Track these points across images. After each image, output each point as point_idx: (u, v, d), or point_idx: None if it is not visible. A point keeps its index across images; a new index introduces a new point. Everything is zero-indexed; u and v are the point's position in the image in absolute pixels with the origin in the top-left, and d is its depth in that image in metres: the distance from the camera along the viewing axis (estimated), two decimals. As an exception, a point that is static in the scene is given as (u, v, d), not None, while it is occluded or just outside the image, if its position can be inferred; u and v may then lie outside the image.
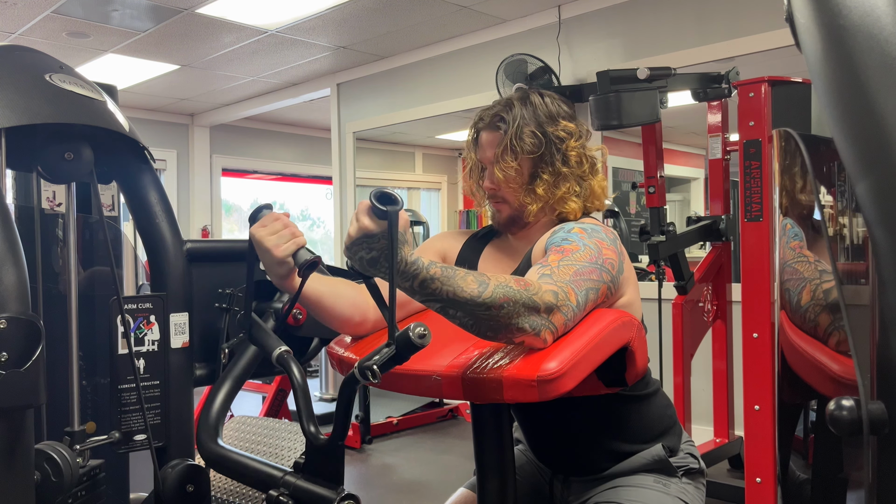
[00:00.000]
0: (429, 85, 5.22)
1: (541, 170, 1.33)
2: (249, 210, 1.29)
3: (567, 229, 1.24)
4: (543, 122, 1.34)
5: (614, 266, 1.19)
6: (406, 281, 1.00)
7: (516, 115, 1.34)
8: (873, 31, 0.51)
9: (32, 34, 4.64)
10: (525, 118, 1.33)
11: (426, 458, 4.00)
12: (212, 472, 1.36)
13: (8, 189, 1.43)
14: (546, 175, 1.33)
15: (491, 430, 1.23)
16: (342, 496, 1.07)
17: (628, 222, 6.41)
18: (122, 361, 1.25)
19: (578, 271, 1.12)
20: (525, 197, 1.34)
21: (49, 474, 1.01)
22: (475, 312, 1.01)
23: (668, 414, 1.40)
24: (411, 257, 0.99)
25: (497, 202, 1.39)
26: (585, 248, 1.17)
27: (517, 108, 1.35)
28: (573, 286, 1.08)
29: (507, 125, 1.33)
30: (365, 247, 0.99)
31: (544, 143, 1.33)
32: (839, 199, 0.80)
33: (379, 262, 0.99)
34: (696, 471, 1.38)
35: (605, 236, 1.22)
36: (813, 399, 0.83)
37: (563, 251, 1.16)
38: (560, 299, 1.05)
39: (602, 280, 1.15)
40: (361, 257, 1.00)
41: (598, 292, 1.13)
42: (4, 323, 0.83)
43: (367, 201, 0.98)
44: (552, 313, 1.04)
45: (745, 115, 2.44)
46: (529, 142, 1.32)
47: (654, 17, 4.00)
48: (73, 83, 1.15)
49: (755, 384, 2.40)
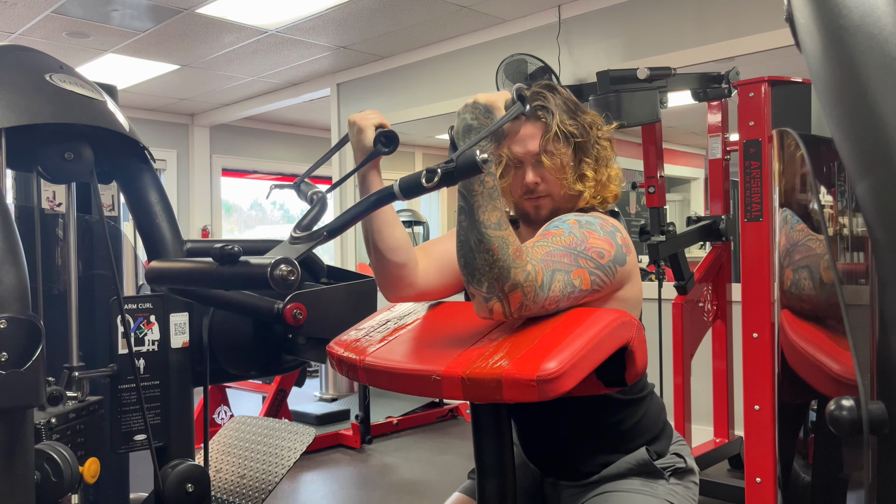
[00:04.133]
0: (428, 85, 5.22)
1: (583, 155, 1.33)
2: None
3: (563, 219, 1.24)
4: (574, 111, 1.34)
5: (603, 255, 1.18)
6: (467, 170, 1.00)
7: (556, 103, 1.32)
8: (873, 31, 0.51)
9: (32, 34, 4.64)
10: (560, 106, 1.32)
11: (426, 458, 4.00)
12: (212, 472, 1.36)
13: (8, 189, 1.43)
14: (589, 159, 1.33)
15: (490, 430, 1.23)
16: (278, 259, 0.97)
17: (628, 222, 6.42)
18: (122, 361, 1.25)
19: (550, 252, 1.13)
20: (576, 184, 1.32)
21: (49, 474, 1.01)
22: (470, 234, 1.07)
23: (661, 419, 1.39)
24: (489, 158, 0.99)
25: (537, 198, 1.34)
26: (570, 233, 1.18)
27: (550, 97, 1.33)
28: (542, 264, 1.10)
29: (550, 113, 1.31)
30: (476, 113, 1.10)
31: (583, 130, 1.33)
32: (839, 199, 0.80)
33: (471, 132, 1.10)
34: (685, 470, 1.36)
35: (598, 228, 1.22)
36: (813, 399, 0.83)
37: (546, 235, 1.18)
38: (529, 279, 1.07)
39: (577, 265, 1.14)
40: (465, 119, 1.11)
41: (570, 276, 1.13)
42: (4, 323, 0.83)
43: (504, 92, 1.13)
44: (513, 291, 1.06)
45: (745, 115, 2.44)
46: (573, 129, 1.32)
47: (654, 17, 4.00)
48: (73, 83, 1.15)
49: (755, 384, 2.40)
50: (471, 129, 1.10)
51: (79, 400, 1.14)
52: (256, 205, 9.08)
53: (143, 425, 1.26)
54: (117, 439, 1.26)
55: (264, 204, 9.18)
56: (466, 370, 1.04)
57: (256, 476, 1.69)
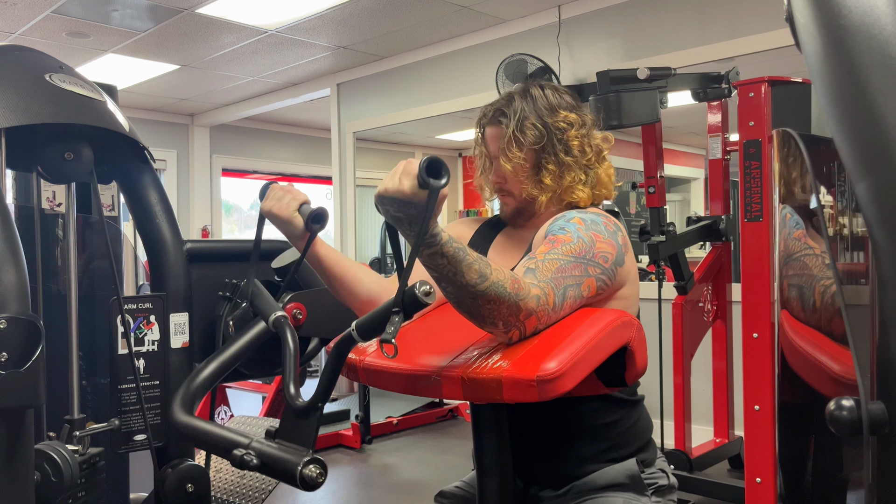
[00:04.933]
0: (429, 85, 5.22)
1: (545, 160, 1.35)
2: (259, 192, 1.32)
3: (567, 218, 1.25)
4: (543, 114, 1.36)
5: (608, 259, 1.20)
6: (420, 248, 1.01)
7: (517, 108, 1.36)
8: (873, 31, 0.51)
9: (32, 34, 4.64)
10: (525, 111, 1.36)
11: (426, 458, 4.00)
12: (212, 472, 1.36)
13: (8, 189, 1.43)
14: (551, 165, 1.35)
15: (490, 430, 1.23)
16: (307, 460, 1.03)
17: (628, 222, 6.42)
18: (122, 361, 1.25)
19: (561, 268, 1.14)
20: (533, 188, 1.36)
21: (49, 474, 1.01)
22: (462, 296, 1.04)
23: (650, 430, 1.39)
24: (434, 230, 1.00)
25: (503, 195, 1.42)
26: (578, 239, 1.19)
27: (517, 101, 1.37)
28: (553, 285, 1.11)
29: (508, 119, 1.36)
30: (395, 206, 1.00)
31: (546, 135, 1.35)
32: (839, 199, 0.80)
33: (402, 223, 1.01)
34: (666, 487, 1.35)
35: (603, 229, 1.24)
36: (813, 399, 0.83)
37: (556, 241, 1.19)
38: (540, 304, 1.08)
39: (587, 274, 1.17)
40: (388, 211, 1.01)
41: (581, 287, 1.16)
42: (4, 323, 0.83)
43: (414, 164, 0.97)
44: (528, 317, 1.07)
45: (745, 115, 2.44)
46: (531, 133, 1.34)
47: (654, 17, 4.00)
48: (73, 83, 1.15)
49: (755, 384, 2.39)
50: (400, 219, 1.01)
51: (79, 454, 1.12)
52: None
53: (143, 425, 1.25)
54: (117, 439, 1.26)
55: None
56: (466, 370, 1.04)
57: (256, 476, 1.69)
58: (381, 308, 1.00)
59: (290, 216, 1.25)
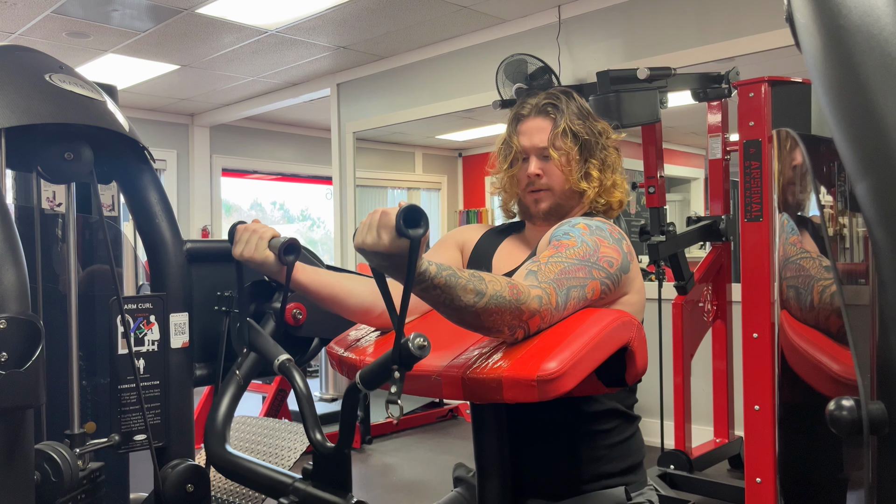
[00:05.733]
0: (429, 85, 5.22)
1: (590, 156, 1.38)
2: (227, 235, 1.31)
3: (572, 223, 1.25)
4: (586, 116, 1.40)
5: (613, 264, 1.20)
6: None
7: (566, 103, 1.39)
8: (873, 31, 0.51)
9: (32, 34, 4.64)
10: (573, 108, 1.39)
11: (426, 458, 4.00)
12: (212, 472, 1.36)
13: (8, 189, 1.43)
14: (595, 161, 1.39)
15: (491, 430, 1.23)
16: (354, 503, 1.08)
17: (628, 222, 6.42)
18: (122, 361, 1.25)
19: (565, 269, 1.13)
20: (581, 181, 1.37)
21: (49, 474, 1.01)
22: (464, 316, 1.04)
23: (642, 452, 1.38)
24: (421, 267, 0.98)
25: (538, 191, 1.39)
26: (583, 244, 1.19)
27: (563, 99, 1.40)
28: (555, 285, 1.10)
29: (560, 111, 1.38)
30: (377, 258, 0.97)
31: (592, 133, 1.39)
32: (839, 199, 0.80)
33: (388, 270, 0.99)
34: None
35: (608, 234, 1.23)
36: (813, 399, 0.83)
37: (560, 246, 1.18)
38: (543, 304, 1.07)
39: (592, 277, 1.16)
40: (371, 261, 0.99)
41: (585, 289, 1.15)
42: (4, 323, 0.83)
43: (391, 216, 0.92)
44: (532, 318, 1.07)
45: (745, 115, 2.44)
46: (582, 128, 1.38)
47: (654, 17, 4.00)
48: (72, 83, 1.15)
49: (755, 384, 2.39)
50: (386, 267, 0.99)
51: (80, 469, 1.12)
52: (256, 205, 9.08)
53: (143, 425, 1.25)
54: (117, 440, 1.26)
55: (264, 204, 9.19)
56: (466, 370, 1.04)
57: (256, 476, 1.69)
58: (380, 361, 1.00)
59: (263, 257, 1.25)
